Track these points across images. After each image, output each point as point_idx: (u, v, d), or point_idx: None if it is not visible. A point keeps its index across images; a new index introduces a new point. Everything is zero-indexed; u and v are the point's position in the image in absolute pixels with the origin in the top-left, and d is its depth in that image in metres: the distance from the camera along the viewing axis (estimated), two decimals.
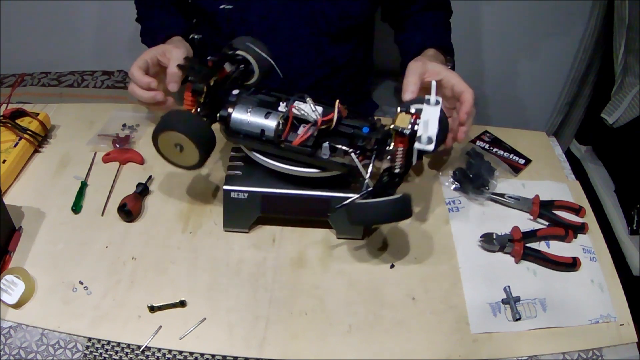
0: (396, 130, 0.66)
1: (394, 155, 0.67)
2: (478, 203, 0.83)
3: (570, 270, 0.74)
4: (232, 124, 0.71)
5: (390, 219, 0.68)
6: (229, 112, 0.71)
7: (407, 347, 0.66)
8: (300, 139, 0.69)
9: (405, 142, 0.66)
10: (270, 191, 0.73)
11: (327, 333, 0.67)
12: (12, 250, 0.73)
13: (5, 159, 0.82)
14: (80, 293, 0.69)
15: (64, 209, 0.79)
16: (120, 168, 0.86)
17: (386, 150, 0.68)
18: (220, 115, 0.72)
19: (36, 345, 0.65)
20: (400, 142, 0.66)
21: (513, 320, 0.69)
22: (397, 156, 0.67)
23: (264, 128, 0.70)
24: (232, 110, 0.71)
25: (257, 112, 0.71)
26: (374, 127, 0.71)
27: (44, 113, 0.91)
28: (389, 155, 0.68)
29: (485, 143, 0.94)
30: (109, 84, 1.54)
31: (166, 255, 0.74)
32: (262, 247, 0.76)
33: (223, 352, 0.65)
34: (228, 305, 0.69)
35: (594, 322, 0.69)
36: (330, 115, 0.69)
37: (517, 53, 1.53)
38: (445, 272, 0.74)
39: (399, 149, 0.66)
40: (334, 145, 0.69)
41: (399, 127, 0.65)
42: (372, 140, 0.69)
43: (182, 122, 0.67)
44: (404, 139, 0.66)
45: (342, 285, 0.72)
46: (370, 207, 0.64)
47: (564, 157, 0.94)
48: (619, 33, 1.25)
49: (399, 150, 0.66)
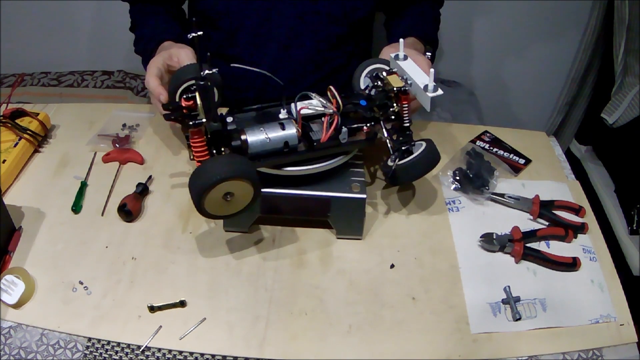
0: (399, 90, 0.72)
1: (401, 112, 0.73)
2: (478, 203, 0.83)
3: (570, 270, 0.74)
4: (252, 149, 0.67)
5: (430, 167, 0.74)
6: (243, 139, 0.67)
7: (407, 347, 0.66)
8: (328, 133, 0.69)
9: (407, 98, 0.73)
10: (270, 191, 0.72)
11: (327, 333, 0.67)
12: (12, 250, 0.73)
13: (5, 159, 0.82)
14: (80, 293, 0.69)
15: (64, 209, 0.79)
16: (120, 168, 0.86)
17: (392, 112, 0.73)
18: (233, 146, 0.67)
19: (36, 345, 0.65)
20: (404, 100, 0.73)
21: (513, 320, 0.69)
22: (404, 112, 0.73)
23: (287, 139, 0.68)
24: (245, 137, 0.67)
25: (272, 127, 0.68)
26: (369, 98, 0.75)
27: (44, 113, 0.91)
28: (394, 115, 0.74)
29: (485, 143, 0.94)
30: (109, 84, 1.54)
31: (166, 255, 0.74)
32: (262, 247, 0.76)
33: (223, 352, 0.65)
34: (228, 305, 0.69)
35: (594, 322, 0.69)
36: (335, 101, 0.71)
37: (517, 53, 1.54)
38: (445, 272, 0.74)
39: (404, 106, 0.73)
40: (351, 127, 0.73)
41: (400, 87, 0.72)
42: (375, 108, 0.74)
43: (227, 168, 0.60)
44: (407, 95, 0.73)
45: (342, 285, 0.72)
46: (412, 165, 0.72)
47: (564, 157, 0.94)
48: (619, 33, 1.25)
49: (404, 107, 0.73)
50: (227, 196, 0.63)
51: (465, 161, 0.88)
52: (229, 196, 0.63)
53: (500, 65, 1.57)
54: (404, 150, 0.74)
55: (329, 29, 0.97)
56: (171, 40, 0.88)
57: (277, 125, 0.69)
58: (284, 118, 0.71)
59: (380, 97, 0.74)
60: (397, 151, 0.74)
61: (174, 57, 0.81)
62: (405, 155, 0.73)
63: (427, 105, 0.72)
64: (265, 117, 0.72)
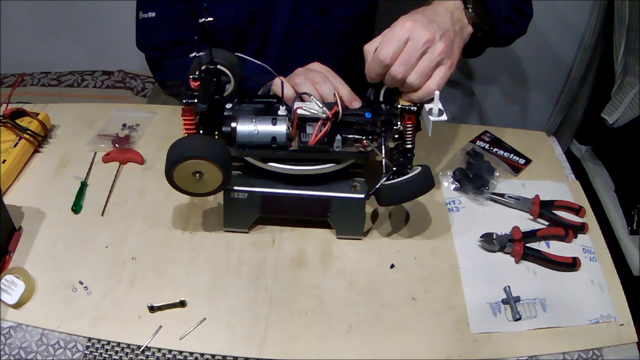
0: (404, 109, 0.69)
1: (404, 133, 0.70)
2: (478, 203, 0.83)
3: (570, 270, 0.74)
4: (239, 138, 0.70)
5: (419, 193, 0.71)
6: (232, 127, 0.70)
7: (407, 347, 0.66)
8: (316, 137, 0.69)
9: (413, 119, 0.69)
10: (270, 191, 0.73)
11: (327, 333, 0.67)
12: (12, 250, 0.73)
13: (5, 159, 0.82)
14: (80, 293, 0.69)
15: (64, 209, 0.79)
16: (120, 168, 0.86)
17: (395, 130, 0.71)
18: (223, 131, 0.70)
19: (36, 345, 0.65)
20: (408, 120, 0.69)
21: (513, 320, 0.69)
22: (408, 133, 0.70)
23: (275, 135, 0.69)
24: (235, 125, 0.70)
25: (263, 121, 0.70)
26: (374, 111, 0.73)
27: (44, 113, 0.91)
28: (397, 134, 0.71)
29: (485, 143, 0.94)
30: (109, 84, 1.54)
31: (166, 255, 0.74)
32: (262, 247, 0.76)
33: (223, 352, 0.65)
34: (228, 305, 0.69)
35: (594, 322, 0.69)
36: (335, 109, 0.70)
37: (517, 52, 1.53)
38: (445, 272, 0.74)
39: (408, 126, 0.70)
40: (346, 136, 0.71)
41: (406, 106, 0.69)
42: (378, 123, 0.72)
43: (200, 147, 0.64)
44: (412, 116, 0.69)
45: (342, 285, 0.72)
46: (400, 186, 0.69)
47: (564, 157, 0.94)
48: (619, 33, 1.25)
49: (408, 127, 0.70)
50: (196, 174, 0.66)
51: (465, 161, 0.88)
52: (198, 175, 0.66)
53: (500, 65, 1.57)
54: (396, 171, 0.71)
55: (334, 27, 0.97)
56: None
57: (269, 120, 0.70)
58: (282, 115, 0.71)
59: (386, 113, 0.72)
60: (389, 171, 0.71)
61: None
62: (395, 177, 0.70)
63: (428, 129, 0.69)
64: (268, 111, 0.72)
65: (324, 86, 0.77)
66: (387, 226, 0.79)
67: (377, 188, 0.70)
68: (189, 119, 0.67)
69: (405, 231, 0.79)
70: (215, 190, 0.69)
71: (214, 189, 0.69)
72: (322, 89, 0.76)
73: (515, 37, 0.87)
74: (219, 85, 0.74)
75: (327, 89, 0.76)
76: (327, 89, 0.76)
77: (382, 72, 0.67)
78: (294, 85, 0.78)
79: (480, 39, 0.74)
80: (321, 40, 0.98)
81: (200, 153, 0.64)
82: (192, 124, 0.68)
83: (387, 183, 0.70)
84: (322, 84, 0.77)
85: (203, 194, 0.69)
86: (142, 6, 0.95)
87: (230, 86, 0.75)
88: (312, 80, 0.77)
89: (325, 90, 0.76)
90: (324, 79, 0.77)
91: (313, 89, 0.76)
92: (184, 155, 0.64)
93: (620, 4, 1.24)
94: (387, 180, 0.70)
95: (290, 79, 0.79)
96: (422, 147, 0.89)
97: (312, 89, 0.76)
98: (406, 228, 0.79)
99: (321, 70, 0.80)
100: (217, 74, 0.72)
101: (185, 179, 0.67)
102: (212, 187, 0.68)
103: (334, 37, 0.99)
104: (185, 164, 0.64)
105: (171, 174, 0.66)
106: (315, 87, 0.77)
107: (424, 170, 0.70)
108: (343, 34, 0.99)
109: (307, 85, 0.76)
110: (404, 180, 0.69)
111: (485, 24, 0.73)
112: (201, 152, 0.64)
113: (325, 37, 0.98)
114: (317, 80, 0.77)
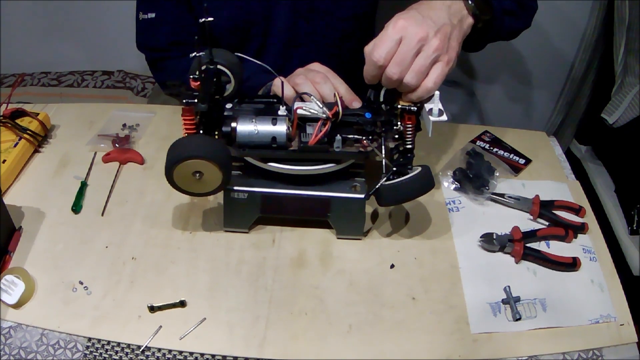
0: (404, 109, 0.69)
1: (404, 133, 0.70)
2: (478, 203, 0.83)
3: (570, 270, 0.74)
4: (239, 138, 0.70)
5: (419, 193, 0.71)
6: (233, 127, 0.70)
7: (407, 347, 0.66)
8: (316, 137, 0.69)
9: (413, 119, 0.69)
10: (270, 191, 0.73)
11: (327, 333, 0.67)
12: (12, 250, 0.73)
13: (5, 159, 0.82)
14: (80, 293, 0.69)
15: (64, 209, 0.79)
16: (120, 168, 0.86)
17: (395, 130, 0.71)
18: (223, 131, 0.70)
19: (36, 345, 0.65)
20: (408, 120, 0.69)
21: (513, 320, 0.69)
22: (408, 133, 0.70)
23: (275, 135, 0.69)
24: (235, 125, 0.70)
25: (263, 121, 0.70)
26: (375, 111, 0.73)
27: (44, 113, 0.91)
28: (397, 134, 0.71)
29: (485, 143, 0.94)
30: (109, 84, 1.54)
31: (166, 255, 0.74)
32: (262, 247, 0.76)
33: (223, 352, 0.65)
34: (228, 305, 0.69)
35: (594, 322, 0.69)
36: (335, 109, 0.70)
37: (517, 52, 1.54)
38: (445, 272, 0.74)
39: (408, 126, 0.70)
40: (346, 137, 0.71)
41: (406, 106, 0.69)
42: (378, 123, 0.72)
43: (200, 147, 0.64)
44: (412, 116, 0.69)
45: (342, 285, 0.72)
46: (400, 186, 0.69)
47: (564, 157, 0.94)
48: (619, 33, 1.25)
49: (408, 128, 0.70)
50: (196, 174, 0.66)
51: (465, 161, 0.88)
52: (198, 175, 0.66)
53: (500, 65, 1.57)
54: (396, 171, 0.71)
55: (335, 26, 0.97)
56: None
57: (269, 120, 0.70)
58: (282, 115, 0.71)
59: (386, 113, 0.72)
60: (389, 171, 0.71)
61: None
62: (395, 177, 0.70)
63: (428, 129, 0.69)
64: (268, 111, 0.72)
65: (324, 86, 0.77)
66: (387, 226, 0.79)
67: (377, 188, 0.71)
68: (189, 119, 0.68)
69: (405, 231, 0.79)
70: (215, 190, 0.69)
71: (214, 189, 0.69)
72: (322, 89, 0.76)
73: (519, 30, 0.86)
74: (219, 85, 0.74)
75: (327, 89, 0.76)
76: (327, 89, 0.76)
77: (378, 74, 0.67)
78: (294, 85, 0.78)
79: (482, 31, 0.73)
80: (321, 41, 0.98)
81: (200, 153, 0.64)
82: (192, 124, 0.68)
83: (387, 183, 0.70)
84: (322, 84, 0.77)
85: (203, 194, 0.70)
86: (142, 7, 0.95)
87: (231, 86, 0.75)
88: (312, 80, 0.77)
89: (326, 90, 0.76)
90: (324, 79, 0.77)
91: (313, 89, 0.76)
92: (184, 155, 0.64)
93: (621, 4, 1.24)
94: (387, 181, 0.70)
95: (291, 79, 0.79)
96: (422, 147, 0.89)
97: (312, 89, 0.76)
98: (406, 228, 0.79)
99: (321, 70, 0.80)
100: (217, 74, 0.72)
101: (185, 179, 0.67)
102: (212, 187, 0.68)
103: (334, 37, 0.99)
104: (185, 163, 0.64)
105: (171, 173, 0.66)
106: (316, 87, 0.77)
107: (424, 171, 0.70)
108: (343, 34, 0.99)
109: (307, 85, 0.77)
110: (404, 180, 0.69)
111: (486, 14, 0.72)
112: (201, 152, 0.64)
113: (326, 37, 0.98)
114: (317, 80, 0.77)
